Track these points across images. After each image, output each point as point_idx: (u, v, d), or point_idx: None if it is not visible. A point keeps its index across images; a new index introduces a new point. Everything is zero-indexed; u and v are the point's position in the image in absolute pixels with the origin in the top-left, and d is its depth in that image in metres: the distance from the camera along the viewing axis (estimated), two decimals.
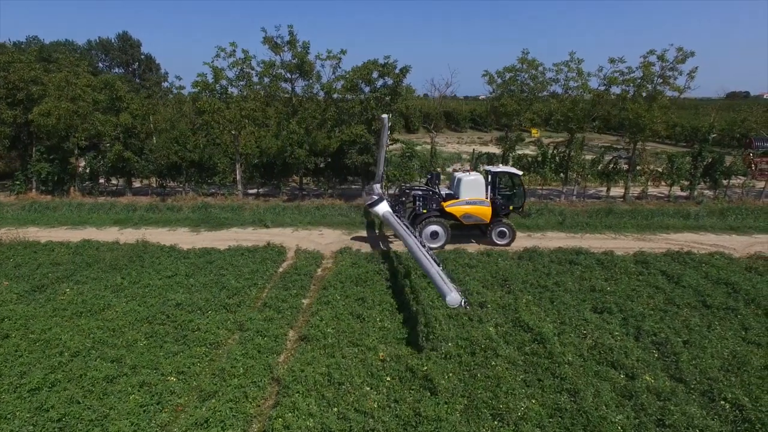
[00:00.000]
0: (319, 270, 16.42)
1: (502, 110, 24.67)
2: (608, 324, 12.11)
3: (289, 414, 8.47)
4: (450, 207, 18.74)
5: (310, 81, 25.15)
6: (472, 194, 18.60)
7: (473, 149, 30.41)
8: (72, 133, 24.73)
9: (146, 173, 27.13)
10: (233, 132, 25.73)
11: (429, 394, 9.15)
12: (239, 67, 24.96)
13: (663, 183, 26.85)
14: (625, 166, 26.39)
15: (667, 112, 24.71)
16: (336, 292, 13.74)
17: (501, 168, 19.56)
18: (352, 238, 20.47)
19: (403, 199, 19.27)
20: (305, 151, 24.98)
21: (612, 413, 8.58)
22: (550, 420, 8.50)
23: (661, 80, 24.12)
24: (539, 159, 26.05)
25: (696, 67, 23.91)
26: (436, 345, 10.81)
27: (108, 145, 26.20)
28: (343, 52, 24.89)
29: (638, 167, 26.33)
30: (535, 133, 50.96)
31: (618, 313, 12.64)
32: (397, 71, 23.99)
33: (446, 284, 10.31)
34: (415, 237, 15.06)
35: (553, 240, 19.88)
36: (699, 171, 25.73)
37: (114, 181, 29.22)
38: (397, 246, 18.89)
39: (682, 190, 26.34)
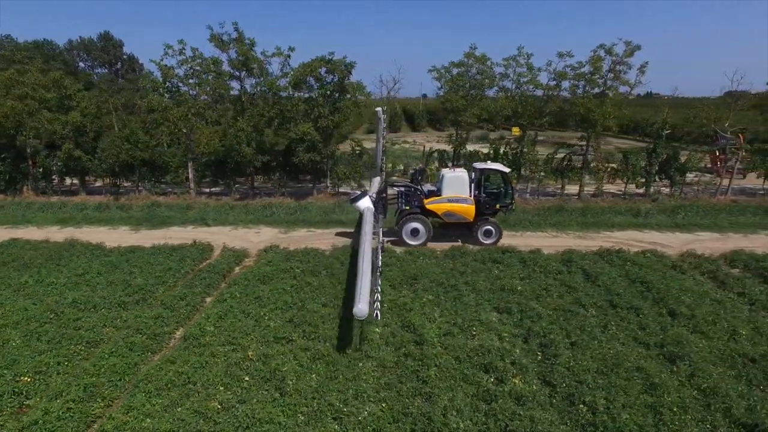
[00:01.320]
0: (237, 268, 16.25)
1: (449, 107, 24.36)
2: (503, 324, 11.85)
3: (124, 415, 8.29)
4: (431, 204, 18.29)
5: (260, 79, 24.95)
6: (455, 191, 18.11)
7: (424, 146, 30.09)
8: (20, 131, 24.66)
9: (99, 172, 27.08)
10: (184, 131, 25.59)
11: (279, 395, 8.95)
12: (188, 65, 24.78)
13: (620, 180, 26.46)
14: (579, 164, 26.00)
15: (620, 108, 24.26)
16: (237, 290, 13.57)
17: (487, 165, 18.88)
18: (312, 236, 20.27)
19: (384, 195, 18.72)
20: (252, 149, 24.81)
21: (458, 419, 8.33)
22: (391, 424, 8.27)
23: (613, 75, 23.72)
24: (491, 156, 25.71)
25: (646, 62, 23.57)
26: (312, 345, 10.61)
27: (60, 143, 26.09)
28: (291, 49, 24.69)
29: (592, 164, 25.93)
30: (516, 131, 50.64)
31: (517, 313, 12.36)
32: (342, 67, 23.66)
33: (362, 296, 9.83)
34: (379, 242, 15.23)
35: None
36: (654, 168, 25.28)
37: (69, 181, 29.14)
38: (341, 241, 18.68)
39: (637, 187, 25.92)
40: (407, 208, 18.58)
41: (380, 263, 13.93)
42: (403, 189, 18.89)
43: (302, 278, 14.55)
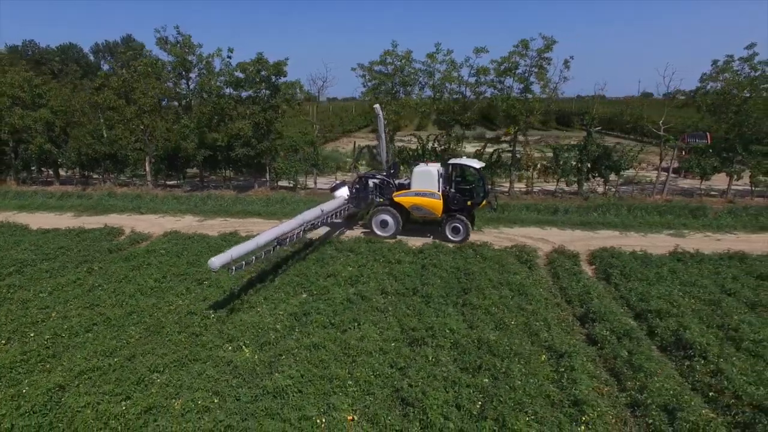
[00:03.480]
0: (129, 248, 17.87)
1: (368, 106, 25.08)
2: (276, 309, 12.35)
3: None
4: (398, 197, 18.42)
5: (201, 78, 26.77)
6: (423, 185, 17.98)
7: (353, 142, 30.81)
8: None
9: (70, 164, 29.93)
10: (141, 127, 27.87)
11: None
12: (134, 67, 27.01)
13: (552, 178, 26.21)
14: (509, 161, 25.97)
15: (543, 104, 24.13)
16: (92, 266, 15.21)
17: (458, 160, 18.69)
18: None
19: (357, 186, 19.36)
20: (194, 144, 26.67)
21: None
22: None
23: (537, 70, 23.63)
24: (419, 152, 26.20)
25: (571, 57, 23.28)
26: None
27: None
28: (230, 50, 26.34)
29: (520, 160, 25.84)
30: (510, 131, 50.16)
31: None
32: (271, 67, 25.01)
33: (227, 254, 11.73)
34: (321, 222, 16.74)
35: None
36: (586, 165, 24.86)
37: (45, 172, 32.27)
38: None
39: (567, 185, 25.58)
40: (381, 200, 18.99)
41: (290, 240, 15.07)
42: (378, 181, 19.24)
43: (163, 258, 15.96)
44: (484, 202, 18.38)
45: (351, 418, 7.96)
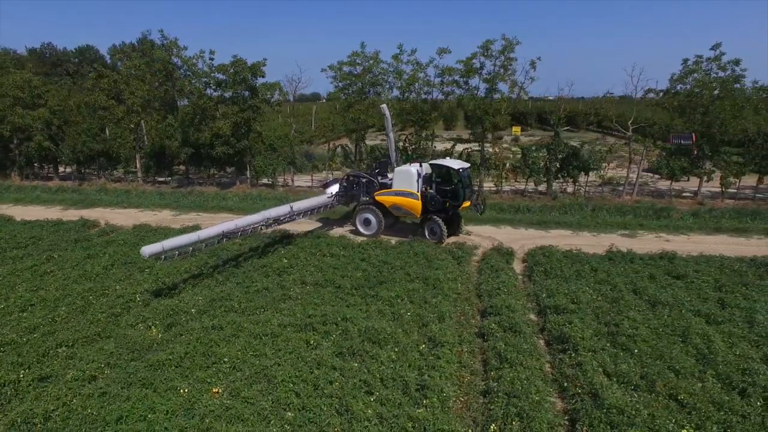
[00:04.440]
0: (96, 239, 19.08)
1: (338, 106, 25.78)
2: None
3: None
4: (379, 196, 18.54)
5: (182, 80, 28.07)
6: (402, 185, 17.96)
7: (332, 143, 31.49)
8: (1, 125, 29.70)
9: (67, 161, 31.76)
10: (132, 126, 29.43)
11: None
12: (127, 68, 28.54)
13: (522, 178, 26.37)
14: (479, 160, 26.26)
15: (510, 104, 24.37)
16: (52, 254, 16.45)
17: (438, 161, 18.46)
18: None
19: (345, 184, 19.95)
20: (177, 142, 27.99)
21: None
22: None
23: (503, 70, 23.92)
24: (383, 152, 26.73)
25: (538, 57, 23.48)
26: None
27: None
28: (212, 52, 27.54)
29: (489, 160, 26.10)
30: (517, 131, 50.15)
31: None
32: (246, 69, 26.04)
33: (162, 243, 13.17)
34: (286, 220, 17.50)
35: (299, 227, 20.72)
36: (554, 165, 24.97)
37: (47, 169, 34.26)
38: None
39: (536, 184, 25.71)
40: (366, 198, 19.21)
41: (242, 234, 16.10)
42: (364, 180, 19.48)
43: (119, 248, 17.10)
44: (466, 204, 18.02)
45: (216, 390, 8.72)
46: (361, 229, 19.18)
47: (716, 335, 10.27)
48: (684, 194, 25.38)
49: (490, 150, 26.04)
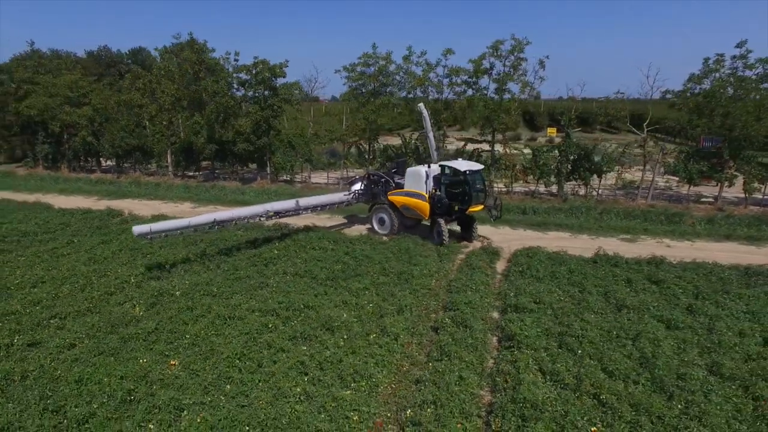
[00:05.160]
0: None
1: (350, 107, 26.46)
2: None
3: None
4: (392, 196, 18.62)
5: (207, 80, 29.79)
6: (413, 186, 17.92)
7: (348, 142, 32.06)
8: (48, 121, 32.74)
9: (108, 155, 34.50)
10: (164, 122, 31.60)
11: None
12: (162, 69, 30.65)
13: (532, 178, 26.05)
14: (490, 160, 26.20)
15: (520, 105, 24.19)
16: (73, 239, 18.20)
17: (448, 162, 17.99)
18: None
19: (365, 183, 20.40)
20: (202, 139, 29.76)
21: None
22: None
23: (512, 71, 23.82)
24: (402, 150, 27.18)
25: (547, 56, 23.24)
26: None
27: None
28: (236, 54, 29.13)
29: (499, 160, 25.97)
30: (552, 132, 49.26)
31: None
32: (266, 70, 27.32)
33: (153, 225, 14.81)
34: (286, 215, 18.46)
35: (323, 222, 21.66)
36: (565, 166, 24.53)
37: (92, 162, 37.30)
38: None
39: (546, 186, 25.34)
40: (383, 197, 19.31)
41: (237, 224, 17.47)
42: (383, 179, 19.70)
43: (132, 235, 18.60)
44: (477, 207, 17.28)
45: (173, 363, 9.63)
46: (377, 228, 19.28)
47: (668, 340, 10.10)
48: (703, 199, 24.19)
49: (500, 150, 25.91)
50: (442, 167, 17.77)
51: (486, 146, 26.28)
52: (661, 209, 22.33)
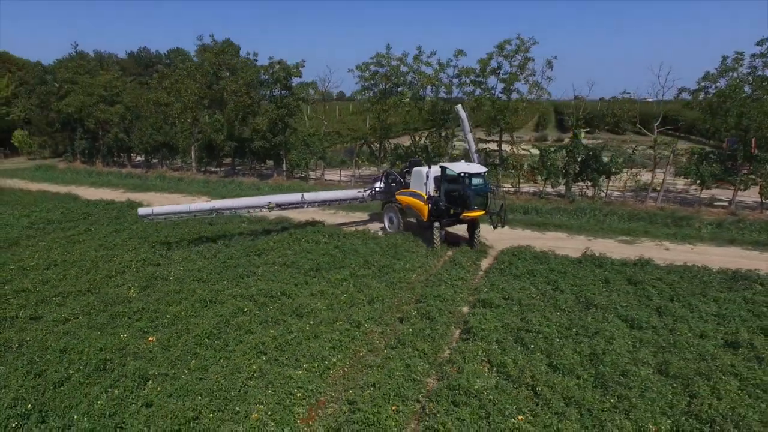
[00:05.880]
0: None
1: (361, 107, 27.03)
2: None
3: None
4: (399, 195, 18.71)
5: (226, 80, 31.18)
6: (416, 186, 17.86)
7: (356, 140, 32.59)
8: (84, 118, 35.12)
9: (137, 151, 36.64)
10: (189, 120, 33.29)
11: None
12: (184, 70, 32.35)
13: (540, 179, 25.84)
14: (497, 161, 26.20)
15: (529, 106, 24.13)
16: (90, 227, 19.70)
17: (447, 163, 17.60)
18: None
19: (383, 181, 20.78)
20: (222, 136, 31.18)
21: None
22: None
23: (520, 71, 23.79)
24: (411, 150, 27.56)
25: (555, 57, 23.07)
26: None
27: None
28: (255, 54, 30.40)
29: (507, 160, 25.92)
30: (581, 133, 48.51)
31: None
32: (281, 71, 28.36)
33: (157, 207, 16.84)
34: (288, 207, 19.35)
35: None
36: (573, 167, 24.25)
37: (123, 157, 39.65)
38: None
39: (552, 186, 25.09)
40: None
41: (234, 212, 18.69)
42: (397, 179, 19.96)
43: (144, 226, 19.93)
44: (475, 213, 16.43)
45: (151, 339, 10.54)
46: (387, 226, 19.57)
47: (625, 339, 10.13)
48: (717, 203, 23.34)
49: (508, 150, 25.88)
50: (442, 168, 17.00)
51: (493, 146, 26.31)
52: (669, 212, 21.76)
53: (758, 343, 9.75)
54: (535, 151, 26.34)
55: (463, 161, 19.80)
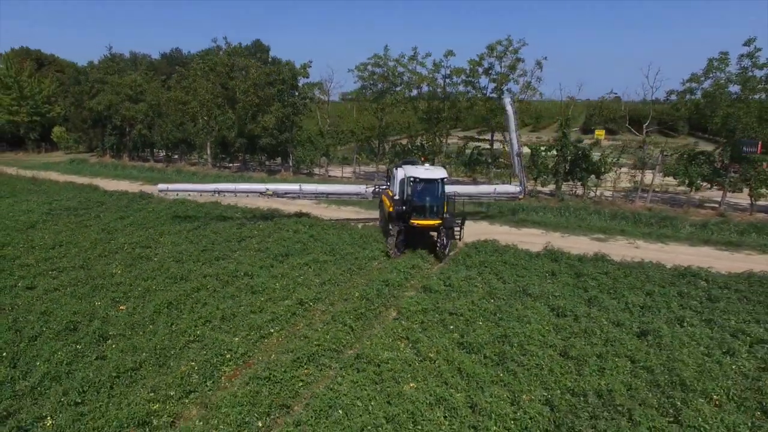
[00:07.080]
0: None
1: (361, 106, 28.10)
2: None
3: None
4: (384, 195, 18.57)
5: (236, 80, 32.97)
6: (394, 188, 17.48)
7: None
8: (113, 115, 37.86)
9: (160, 147, 39.14)
10: (205, 117, 35.42)
11: None
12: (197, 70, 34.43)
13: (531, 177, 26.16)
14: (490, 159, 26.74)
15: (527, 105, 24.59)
16: (99, 214, 21.66)
17: (410, 166, 16.89)
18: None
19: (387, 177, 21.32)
20: (233, 133, 33.03)
21: None
22: None
23: (510, 71, 24.29)
24: (407, 148, 28.45)
25: (545, 57, 23.46)
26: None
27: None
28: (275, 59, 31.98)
29: (499, 159, 26.40)
30: (600, 134, 48.07)
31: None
32: (287, 70, 29.84)
33: (176, 185, 19.80)
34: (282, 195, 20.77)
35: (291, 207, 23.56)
36: (563, 167, 24.53)
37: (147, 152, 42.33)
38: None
39: (542, 185, 25.41)
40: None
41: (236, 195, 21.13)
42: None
43: (147, 214, 21.74)
44: (426, 222, 15.47)
45: (122, 307, 12.03)
46: (381, 224, 19.83)
47: (542, 324, 10.79)
48: (707, 204, 23.08)
49: (502, 148, 26.37)
50: (406, 170, 16.32)
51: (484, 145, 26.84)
52: (656, 212, 21.80)
53: (665, 332, 10.21)
54: (527, 150, 26.66)
55: (428, 164, 17.92)
